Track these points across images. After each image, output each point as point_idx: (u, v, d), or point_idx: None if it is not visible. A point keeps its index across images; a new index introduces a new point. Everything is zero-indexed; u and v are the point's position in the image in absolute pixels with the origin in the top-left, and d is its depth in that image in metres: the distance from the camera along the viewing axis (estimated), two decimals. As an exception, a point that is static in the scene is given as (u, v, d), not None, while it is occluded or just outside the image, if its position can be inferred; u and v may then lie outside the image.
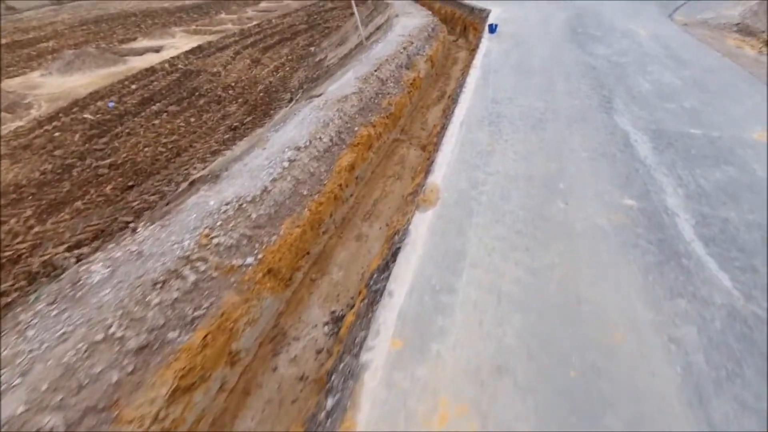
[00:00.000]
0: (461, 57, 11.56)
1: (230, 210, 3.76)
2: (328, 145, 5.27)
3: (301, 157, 4.76)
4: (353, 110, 6.21)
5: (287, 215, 4.17)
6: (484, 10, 12.15)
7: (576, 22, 9.75)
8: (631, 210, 3.39)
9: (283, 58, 16.00)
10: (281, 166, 4.44)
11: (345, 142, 5.62)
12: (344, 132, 5.75)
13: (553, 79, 6.35)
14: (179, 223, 3.64)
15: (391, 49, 8.72)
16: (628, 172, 3.90)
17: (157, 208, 4.52)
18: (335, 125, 5.62)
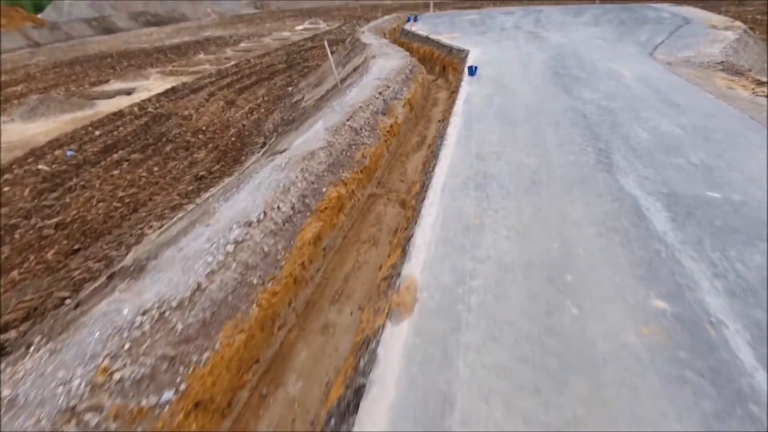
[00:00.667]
0: (441, 98, 11.05)
1: (147, 323, 2.86)
2: (288, 215, 4.43)
3: (252, 235, 3.91)
4: (321, 168, 5.43)
5: (228, 318, 3.27)
6: (462, 50, 11.76)
7: (557, 64, 9.32)
8: (664, 317, 2.59)
9: (259, 99, 15.40)
10: (224, 250, 3.58)
11: (310, 207, 4.79)
12: (309, 195, 4.93)
13: (541, 128, 5.71)
14: (75, 347, 2.72)
15: (367, 94, 8.09)
16: (648, 256, 3.13)
17: (60, 317, 3.58)
18: (298, 189, 4.80)
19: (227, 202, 4.36)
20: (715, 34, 11.73)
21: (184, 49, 26.86)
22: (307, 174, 5.11)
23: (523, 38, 12.62)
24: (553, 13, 17.46)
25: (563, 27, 14.09)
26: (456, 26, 16.00)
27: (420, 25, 16.90)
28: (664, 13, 15.83)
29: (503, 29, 14.43)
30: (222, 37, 31.89)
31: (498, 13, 18.85)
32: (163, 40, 32.48)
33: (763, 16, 22.81)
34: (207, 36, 32.95)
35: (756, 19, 21.03)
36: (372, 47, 13.08)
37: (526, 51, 10.94)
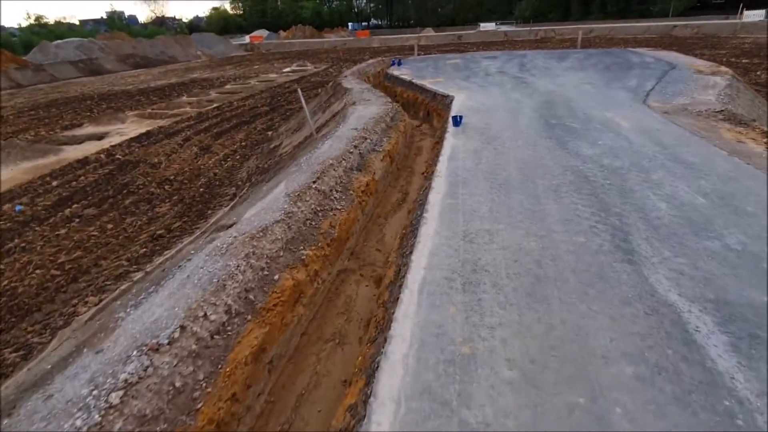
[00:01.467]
0: (425, 146, 10.23)
1: None
2: (220, 324, 3.31)
3: (158, 367, 2.79)
4: (275, 248, 4.36)
5: None
6: (447, 96, 11.09)
7: (548, 112, 8.59)
8: None
9: (236, 145, 14.51)
10: (106, 402, 2.46)
11: (254, 307, 3.70)
12: (255, 289, 3.84)
13: (539, 195, 4.78)
14: None
15: (340, 147, 7.17)
16: (720, 422, 2.09)
17: None
18: (239, 282, 3.71)
19: (137, 310, 3.25)
20: (704, 80, 11.27)
21: (167, 91, 26.26)
22: (254, 259, 4.04)
23: (509, 83, 12.05)
24: (537, 57, 17.20)
25: (549, 72, 13.65)
26: (440, 70, 15.55)
27: (404, 69, 16.45)
28: (647, 57, 15.60)
29: (488, 74, 13.94)
30: (208, 78, 31.55)
31: (481, 57, 18.60)
32: (149, 81, 32.02)
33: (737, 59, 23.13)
34: (194, 78, 32.60)
35: (731, 62, 21.19)
36: (353, 93, 12.40)
37: (514, 97, 10.28)
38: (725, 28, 41.66)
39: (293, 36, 59.74)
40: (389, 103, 10.88)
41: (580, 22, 61.75)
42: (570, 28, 49.47)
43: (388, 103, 10.67)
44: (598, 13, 66.33)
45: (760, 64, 21.54)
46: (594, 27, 48.67)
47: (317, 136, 9.33)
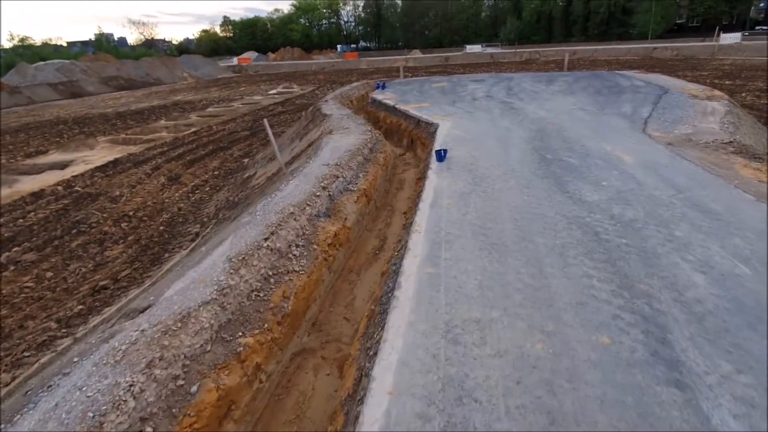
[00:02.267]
0: (408, 178, 9.24)
1: None
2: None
3: None
4: (198, 343, 3.25)
5: None
6: (431, 123, 10.18)
7: (542, 144, 7.68)
8: None
9: (207, 174, 13.40)
10: None
11: (151, 445, 2.56)
12: (158, 415, 2.71)
13: (541, 262, 3.76)
14: None
15: (306, 190, 6.12)
16: None
17: None
18: (129, 412, 2.59)
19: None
20: (701, 106, 10.55)
21: (146, 115, 25.16)
22: (161, 368, 2.91)
23: (497, 109, 11.21)
24: (525, 81, 16.53)
25: (538, 96, 12.89)
26: (425, 94, 14.73)
27: (388, 93, 15.62)
28: (636, 81, 14.99)
29: (475, 98, 13.14)
30: (191, 101, 30.57)
31: (468, 80, 17.90)
32: (130, 104, 30.92)
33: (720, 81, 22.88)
34: (176, 100, 31.61)
35: (714, 84, 20.84)
36: (331, 119, 11.45)
37: (503, 125, 9.38)
38: (703, 50, 42.22)
39: (282, 58, 59.37)
40: (369, 131, 9.92)
41: (563, 44, 62.55)
42: (554, 50, 49.84)
43: (368, 132, 9.70)
44: (579, 36, 67.40)
45: (743, 85, 21.23)
46: (577, 49, 49.07)
47: (287, 170, 8.31)
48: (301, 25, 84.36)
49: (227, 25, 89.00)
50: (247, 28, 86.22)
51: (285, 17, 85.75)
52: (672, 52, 43.74)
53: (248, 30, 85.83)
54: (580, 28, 68.12)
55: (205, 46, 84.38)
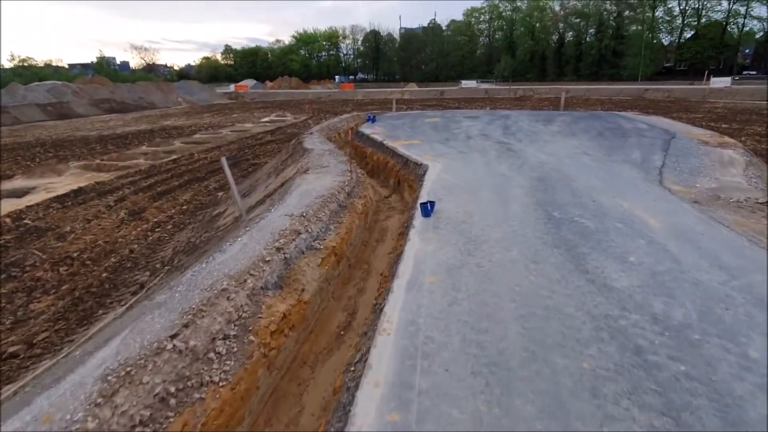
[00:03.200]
0: (392, 227, 7.96)
1: None
2: None
3: None
4: None
5: None
6: (420, 165, 9.01)
7: (545, 197, 6.47)
8: None
9: (175, 208, 12.03)
10: None
11: None
12: None
13: (565, 409, 2.44)
14: None
15: (255, 251, 4.79)
16: None
17: None
18: None
19: None
20: (716, 154, 9.52)
21: (129, 139, 24.01)
22: None
23: (494, 151, 10.10)
24: (521, 119, 15.61)
25: (537, 137, 11.86)
26: (417, 130, 13.69)
27: (377, 127, 14.59)
28: (639, 123, 14.10)
29: (469, 137, 12.08)
30: (180, 126, 29.58)
31: (463, 116, 16.98)
32: (117, 128, 29.86)
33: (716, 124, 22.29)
34: (165, 125, 30.63)
35: (710, 126, 20.16)
36: (311, 155, 10.28)
37: (500, 171, 8.21)
38: (694, 93, 42.50)
39: (279, 86, 59.32)
40: (350, 171, 8.70)
41: (557, 82, 63.34)
42: (548, 88, 50.12)
43: (348, 172, 8.48)
44: (572, 75, 68.48)
45: (740, 129, 20.56)
46: (570, 88, 49.37)
47: (248, 217, 7.03)
48: (301, 55, 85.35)
49: (228, 53, 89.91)
50: (248, 56, 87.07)
51: (285, 48, 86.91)
52: (663, 93, 44.01)
53: (249, 59, 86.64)
54: (572, 67, 69.30)
55: (205, 73, 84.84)
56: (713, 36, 63.56)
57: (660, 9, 66.81)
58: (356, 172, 8.93)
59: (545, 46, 71.54)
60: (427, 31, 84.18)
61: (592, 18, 68.79)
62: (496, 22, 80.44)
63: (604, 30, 66.92)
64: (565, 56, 69.97)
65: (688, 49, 65.47)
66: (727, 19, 64.15)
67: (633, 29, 66.43)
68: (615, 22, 66.93)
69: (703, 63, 64.00)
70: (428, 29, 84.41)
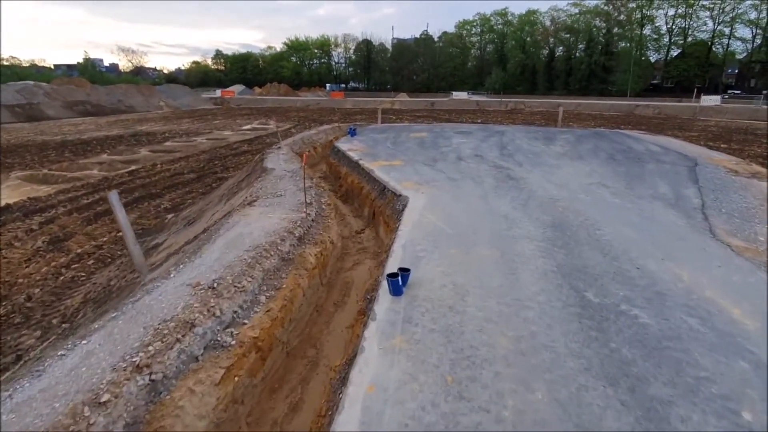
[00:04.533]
0: (359, 280, 5.93)
1: None
2: None
3: None
4: None
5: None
6: (399, 196, 7.01)
7: (567, 257, 4.50)
8: None
9: (109, 235, 9.79)
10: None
11: None
12: None
13: None
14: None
15: (98, 372, 2.76)
16: None
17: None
18: None
19: None
20: (757, 189, 7.71)
21: (93, 146, 21.66)
22: None
23: (490, 178, 8.15)
24: (519, 136, 13.74)
25: (539, 160, 9.97)
26: (400, 147, 11.72)
27: (357, 142, 12.60)
28: (649, 144, 12.34)
29: (460, 157, 10.14)
30: (154, 132, 27.25)
31: (453, 131, 15.06)
32: (85, 132, 27.42)
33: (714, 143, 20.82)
34: (139, 130, 28.28)
35: (709, 146, 18.62)
36: (268, 178, 8.23)
37: (501, 210, 6.23)
38: (685, 111, 41.52)
39: (268, 93, 57.15)
40: (310, 203, 6.65)
41: (546, 96, 62.28)
42: (538, 101, 48.82)
43: (301, 209, 6.40)
44: (561, 89, 67.58)
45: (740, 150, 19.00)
46: (561, 102, 48.14)
47: (148, 278, 4.98)
48: (292, 62, 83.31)
49: (219, 58, 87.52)
50: (239, 62, 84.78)
51: (276, 54, 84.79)
52: (654, 110, 42.92)
53: (239, 64, 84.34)
54: (562, 82, 68.42)
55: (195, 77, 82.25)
56: (699, 55, 63.32)
57: (648, 27, 66.47)
58: (319, 204, 6.89)
59: (536, 60, 70.59)
60: (419, 42, 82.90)
61: (582, 33, 68.10)
62: (487, 35, 79.45)
63: (593, 46, 66.19)
64: (555, 70, 69.05)
65: (676, 67, 65.10)
66: (712, 39, 64.00)
67: (622, 46, 65.88)
68: (604, 39, 66.27)
69: (690, 81, 63.62)
70: (420, 40, 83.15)
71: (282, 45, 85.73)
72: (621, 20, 65.07)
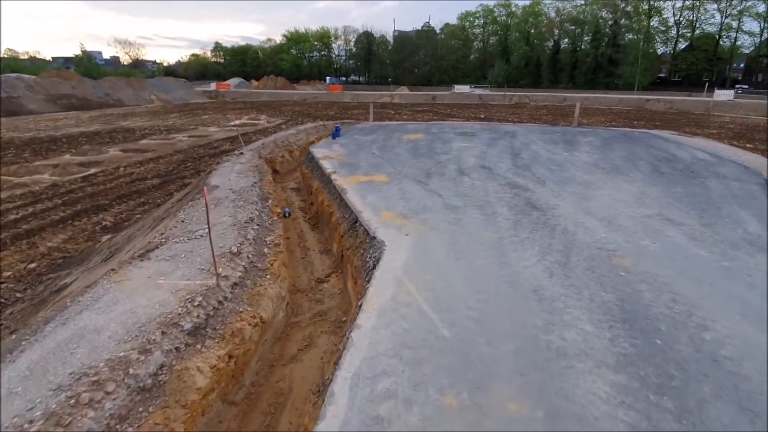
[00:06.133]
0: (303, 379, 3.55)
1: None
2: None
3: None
4: None
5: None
6: (373, 239, 4.66)
7: (672, 416, 2.20)
8: None
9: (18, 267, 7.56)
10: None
11: None
12: None
13: None
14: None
15: None
16: None
17: None
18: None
19: None
20: None
21: (60, 144, 19.32)
22: None
23: (505, 206, 5.74)
24: (533, 139, 11.24)
25: (566, 173, 7.54)
26: (388, 153, 9.31)
27: (337, 146, 10.18)
28: (694, 151, 9.86)
29: (462, 170, 7.74)
30: (135, 129, 24.83)
31: (453, 132, 12.54)
32: (62, 128, 25.01)
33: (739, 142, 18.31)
34: (121, 126, 25.87)
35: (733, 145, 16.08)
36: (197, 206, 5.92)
37: (529, 278, 3.85)
38: (697, 106, 38.67)
39: (264, 86, 54.43)
40: (234, 255, 4.30)
41: (551, 89, 59.29)
42: (543, 95, 45.95)
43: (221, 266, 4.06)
44: (566, 83, 64.49)
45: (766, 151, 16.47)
46: (567, 96, 45.27)
47: None
48: (292, 55, 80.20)
49: (218, 51, 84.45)
50: (238, 54, 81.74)
51: (276, 47, 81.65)
52: (665, 104, 40.08)
53: (238, 57, 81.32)
54: (567, 75, 65.28)
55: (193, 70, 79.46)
56: (707, 48, 60.00)
57: (655, 18, 63.05)
58: (259, 248, 4.57)
59: (540, 53, 67.35)
60: (420, 34, 79.53)
61: (588, 25, 64.73)
62: (490, 27, 75.98)
63: (600, 38, 62.87)
64: (561, 63, 65.83)
65: (683, 60, 61.84)
66: (720, 32, 60.58)
67: (629, 38, 62.54)
68: (611, 30, 62.94)
69: (698, 74, 60.43)
70: (422, 32, 79.76)
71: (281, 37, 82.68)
72: (628, 11, 61.66)
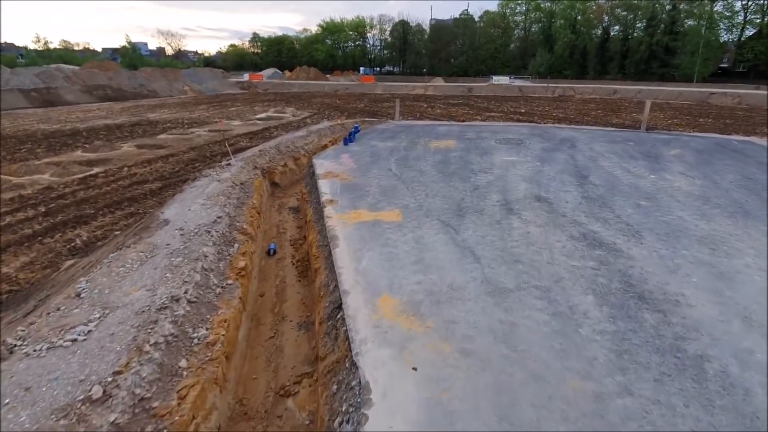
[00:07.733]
0: None
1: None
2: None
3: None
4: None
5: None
6: (356, 367, 2.55)
7: None
8: None
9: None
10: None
11: None
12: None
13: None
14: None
15: None
16: None
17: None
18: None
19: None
20: None
21: (76, 139, 18.35)
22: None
23: (589, 293, 3.39)
24: (599, 150, 8.50)
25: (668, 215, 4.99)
26: (408, 171, 7.02)
27: (347, 157, 7.99)
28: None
29: (509, 204, 5.37)
30: (159, 121, 23.76)
31: (494, 139, 9.95)
32: (91, 120, 24.38)
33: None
34: (147, 119, 24.91)
35: None
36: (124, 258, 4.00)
37: None
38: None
39: (297, 77, 52.84)
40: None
41: (598, 80, 53.95)
42: (590, 87, 41.45)
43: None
44: (615, 73, 58.60)
45: None
46: (617, 88, 40.58)
47: None
48: (327, 45, 78.17)
49: (256, 42, 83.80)
50: (274, 45, 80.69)
51: (311, 37, 79.78)
52: (732, 99, 34.75)
53: (275, 47, 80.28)
54: (616, 64, 59.30)
55: (231, 60, 79.32)
56: (780, 35, 52.20)
57: (719, 3, 55.59)
58: (135, 391, 2.60)
59: (587, 41, 61.44)
60: (458, 22, 74.99)
61: (642, 10, 58.20)
62: (533, 14, 70.31)
63: (656, 24, 56.30)
64: (609, 52, 59.80)
65: (751, 49, 54.29)
66: (798, 16, 52.52)
67: (689, 24, 55.63)
68: (669, 16, 56.20)
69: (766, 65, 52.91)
70: (459, 20, 75.17)
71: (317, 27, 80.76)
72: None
